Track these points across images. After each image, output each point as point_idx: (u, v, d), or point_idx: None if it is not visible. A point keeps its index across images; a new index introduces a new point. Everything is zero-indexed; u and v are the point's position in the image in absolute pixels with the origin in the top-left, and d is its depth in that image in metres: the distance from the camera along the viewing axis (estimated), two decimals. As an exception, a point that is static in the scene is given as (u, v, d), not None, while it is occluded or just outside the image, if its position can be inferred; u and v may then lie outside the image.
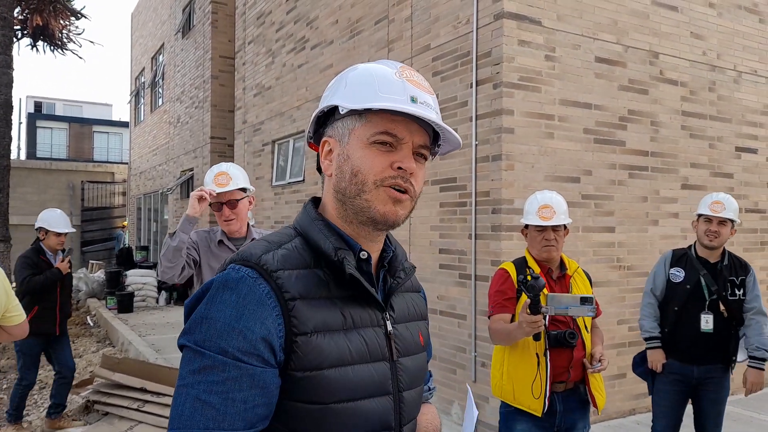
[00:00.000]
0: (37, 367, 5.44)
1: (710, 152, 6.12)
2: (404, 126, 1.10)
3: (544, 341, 2.83)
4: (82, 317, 11.29)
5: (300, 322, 1.02)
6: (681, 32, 5.91)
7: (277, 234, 1.15)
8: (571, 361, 2.89)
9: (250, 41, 10.62)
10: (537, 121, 5.08)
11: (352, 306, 1.10)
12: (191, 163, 13.59)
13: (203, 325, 0.99)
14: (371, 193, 1.09)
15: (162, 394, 5.03)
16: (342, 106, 1.11)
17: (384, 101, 1.08)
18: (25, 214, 23.13)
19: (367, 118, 1.09)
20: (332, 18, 7.78)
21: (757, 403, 5.68)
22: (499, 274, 3.06)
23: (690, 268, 3.63)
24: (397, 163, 1.09)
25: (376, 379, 1.10)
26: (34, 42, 18.34)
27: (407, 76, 1.13)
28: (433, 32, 5.82)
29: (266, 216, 9.80)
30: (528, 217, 3.05)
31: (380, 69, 1.14)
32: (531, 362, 2.85)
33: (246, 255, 1.06)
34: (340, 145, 1.13)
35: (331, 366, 1.03)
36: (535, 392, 2.81)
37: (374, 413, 1.08)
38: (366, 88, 1.10)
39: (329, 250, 1.09)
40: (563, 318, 2.92)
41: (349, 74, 1.16)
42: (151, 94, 18.17)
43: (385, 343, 1.14)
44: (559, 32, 5.21)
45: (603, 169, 5.42)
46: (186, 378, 0.98)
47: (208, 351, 0.97)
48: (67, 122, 34.41)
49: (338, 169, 1.12)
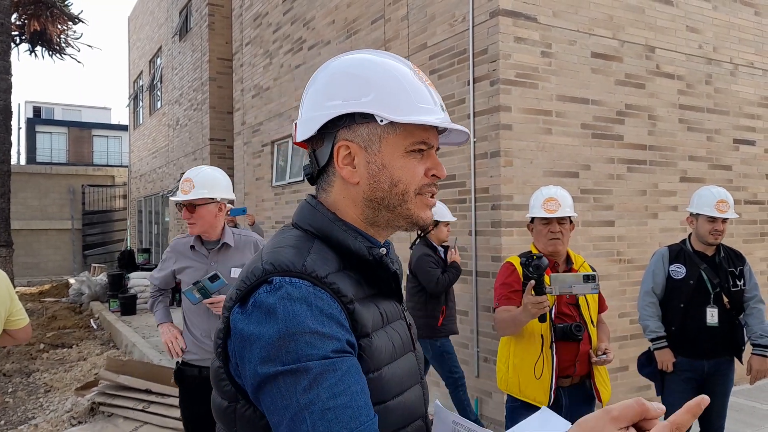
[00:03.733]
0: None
1: (708, 145, 6.14)
2: (433, 133, 1.12)
3: (550, 334, 2.84)
4: (86, 320, 11.33)
5: (361, 325, 1.01)
6: (677, 26, 5.93)
7: (291, 238, 1.09)
8: (577, 355, 2.89)
9: (248, 43, 10.64)
10: (534, 117, 5.10)
11: (382, 302, 1.11)
12: (191, 165, 13.61)
13: (288, 344, 0.91)
14: (412, 201, 1.10)
15: (167, 395, 5.06)
16: (382, 117, 1.06)
17: (426, 114, 1.07)
18: (26, 219, 23.21)
19: (404, 127, 1.07)
20: (329, 18, 7.80)
21: (760, 394, 5.71)
22: (504, 267, 3.07)
23: (690, 264, 3.58)
24: (432, 170, 1.11)
25: (412, 370, 1.13)
26: (33, 47, 18.38)
27: (423, 78, 1.12)
28: (430, 30, 5.84)
29: (267, 216, 9.83)
30: (533, 210, 3.07)
31: (403, 70, 1.11)
32: (537, 353, 2.86)
33: (283, 264, 0.99)
34: (367, 152, 1.08)
35: (387, 364, 1.04)
36: (537, 372, 2.83)
37: (415, 403, 1.10)
38: (402, 95, 1.07)
39: (361, 250, 1.08)
40: (569, 311, 2.93)
41: (370, 74, 1.09)
42: (150, 97, 18.19)
43: (408, 333, 1.17)
44: (554, 28, 5.23)
45: (601, 163, 5.44)
46: (300, 401, 0.88)
47: (311, 362, 0.90)
48: (66, 126, 34.41)
49: (372, 178, 1.09)
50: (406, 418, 1.07)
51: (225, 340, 1.02)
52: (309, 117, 1.13)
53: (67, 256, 23.87)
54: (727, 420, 3.72)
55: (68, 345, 9.14)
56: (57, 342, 9.30)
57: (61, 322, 10.95)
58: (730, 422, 3.90)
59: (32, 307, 12.88)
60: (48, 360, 8.26)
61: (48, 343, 9.21)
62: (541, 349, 2.85)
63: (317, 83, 1.15)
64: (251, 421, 1.00)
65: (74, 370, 7.53)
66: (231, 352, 1.00)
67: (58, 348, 8.96)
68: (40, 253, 23.48)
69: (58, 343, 9.25)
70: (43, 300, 14.31)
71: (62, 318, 11.42)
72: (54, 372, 7.54)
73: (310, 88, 1.17)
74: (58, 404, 6.17)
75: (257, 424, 0.99)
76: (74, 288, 13.57)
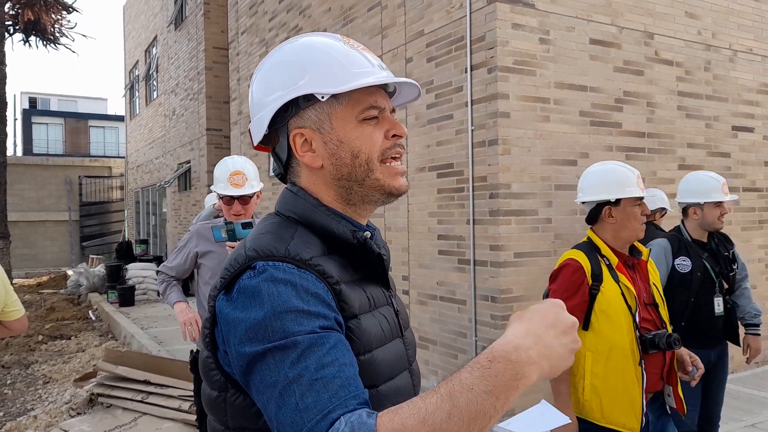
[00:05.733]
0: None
1: (707, 132, 6.12)
2: (381, 95, 1.11)
3: (637, 348, 2.38)
4: (84, 312, 11.33)
5: (349, 306, 1.00)
6: (675, 12, 5.88)
7: (273, 225, 1.09)
8: (664, 367, 2.51)
9: (243, 31, 10.56)
10: (532, 104, 5.07)
11: (369, 286, 1.10)
12: (188, 155, 13.56)
13: (274, 323, 0.89)
14: (378, 170, 1.09)
15: (165, 386, 5.06)
16: (321, 93, 1.05)
17: (366, 77, 1.06)
18: (22, 211, 23.16)
19: (348, 96, 1.07)
20: (325, 6, 7.73)
21: (757, 381, 5.72)
22: (568, 264, 2.49)
23: (693, 255, 3.43)
24: (392, 131, 1.10)
25: (400, 356, 1.12)
26: (27, 37, 18.22)
27: (355, 45, 1.12)
28: (427, 17, 5.79)
29: (264, 207, 9.81)
30: (626, 189, 2.48)
31: (331, 44, 1.11)
32: (626, 371, 2.37)
33: (266, 250, 0.99)
34: (321, 134, 1.08)
35: (377, 347, 1.04)
36: (629, 394, 2.37)
37: (404, 390, 1.10)
38: (335, 67, 1.06)
39: (345, 234, 1.07)
40: (649, 314, 2.49)
41: (300, 57, 1.09)
42: (146, 87, 18.10)
43: (396, 320, 1.16)
44: (553, 15, 5.19)
45: (600, 151, 5.42)
46: (289, 374, 0.86)
47: (299, 336, 0.88)
48: (62, 117, 34.26)
49: (333, 157, 1.08)
50: (396, 404, 1.06)
51: (212, 329, 1.01)
52: (257, 118, 1.13)
53: (64, 247, 23.84)
54: (726, 407, 3.72)
55: (67, 336, 9.14)
56: (55, 333, 9.29)
57: (59, 314, 10.95)
58: (728, 410, 3.91)
59: (30, 299, 12.88)
60: (47, 351, 8.26)
61: (46, 334, 9.21)
62: (632, 365, 2.38)
63: (255, 86, 1.15)
64: (242, 409, 0.99)
65: (73, 361, 7.53)
66: (219, 340, 0.99)
67: (56, 339, 8.96)
68: (37, 244, 23.44)
69: (56, 334, 9.25)
70: (41, 292, 14.31)
71: (60, 309, 11.41)
72: (53, 363, 7.54)
73: (251, 93, 1.17)
74: (57, 395, 6.17)
75: (248, 411, 0.99)
76: (72, 279, 13.56)
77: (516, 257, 4.96)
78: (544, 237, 5.10)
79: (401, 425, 0.80)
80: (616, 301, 2.41)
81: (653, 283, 2.60)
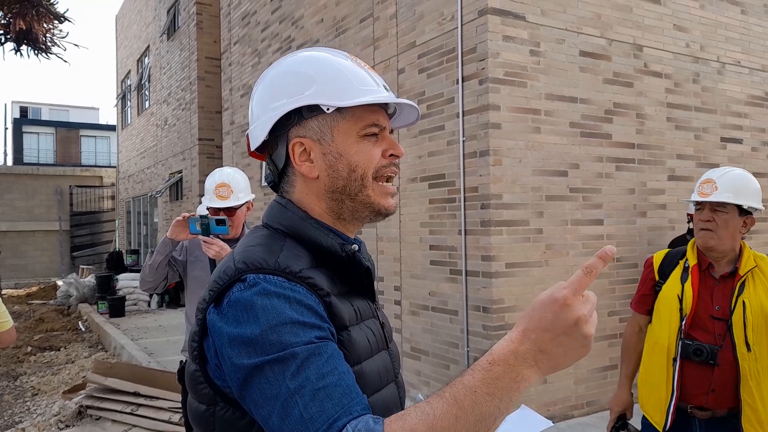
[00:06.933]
0: None
1: (696, 143, 6.18)
2: (382, 114, 1.13)
3: (675, 348, 2.43)
4: (74, 323, 11.23)
5: (339, 318, 1.01)
6: (664, 25, 5.96)
7: (261, 237, 1.09)
8: (711, 383, 2.39)
9: (236, 42, 10.59)
10: (523, 116, 5.10)
11: (355, 299, 1.11)
12: (180, 165, 13.53)
13: (271, 336, 0.89)
14: (371, 188, 1.10)
15: (155, 398, 5.02)
16: (327, 105, 1.07)
17: (370, 94, 1.08)
18: (12, 221, 22.98)
19: (351, 112, 1.09)
20: (317, 17, 7.77)
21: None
22: (646, 261, 2.73)
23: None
24: (390, 150, 1.12)
25: (387, 368, 1.13)
26: (18, 46, 18.15)
27: (361, 64, 1.14)
28: (418, 29, 5.83)
29: (256, 217, 9.78)
30: (693, 194, 2.59)
31: (340, 59, 1.13)
32: (662, 368, 2.50)
33: (255, 262, 0.98)
34: (321, 145, 1.09)
35: (365, 359, 1.05)
36: (657, 389, 2.51)
37: (390, 401, 1.10)
38: (343, 82, 1.08)
39: (334, 247, 1.08)
40: (712, 328, 2.41)
41: (308, 68, 1.10)
42: (138, 96, 18.07)
43: (381, 332, 1.16)
44: (543, 27, 5.24)
45: (590, 162, 5.46)
46: (290, 386, 0.86)
47: (296, 347, 0.88)
48: (53, 127, 34.11)
49: (331, 169, 1.09)
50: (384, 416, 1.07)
51: (201, 342, 1.01)
52: (258, 123, 1.13)
53: (54, 257, 23.65)
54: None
55: (56, 348, 9.05)
56: (44, 345, 9.20)
57: (48, 325, 10.85)
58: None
59: (19, 310, 12.76)
60: (35, 363, 8.18)
61: (35, 345, 9.12)
62: (666, 365, 2.48)
63: (259, 91, 1.17)
64: (231, 422, 0.99)
65: (62, 373, 7.46)
66: (209, 353, 0.99)
67: (45, 351, 8.87)
68: (27, 254, 23.24)
69: (45, 345, 9.16)
70: (31, 302, 14.18)
71: (50, 320, 11.31)
72: (41, 375, 7.46)
73: (253, 98, 1.18)
74: (46, 408, 6.11)
75: (237, 424, 0.98)
76: (62, 290, 13.45)
77: (508, 267, 4.97)
78: (536, 247, 5.12)
79: (411, 431, 0.81)
80: (670, 300, 2.50)
81: (745, 300, 2.39)
